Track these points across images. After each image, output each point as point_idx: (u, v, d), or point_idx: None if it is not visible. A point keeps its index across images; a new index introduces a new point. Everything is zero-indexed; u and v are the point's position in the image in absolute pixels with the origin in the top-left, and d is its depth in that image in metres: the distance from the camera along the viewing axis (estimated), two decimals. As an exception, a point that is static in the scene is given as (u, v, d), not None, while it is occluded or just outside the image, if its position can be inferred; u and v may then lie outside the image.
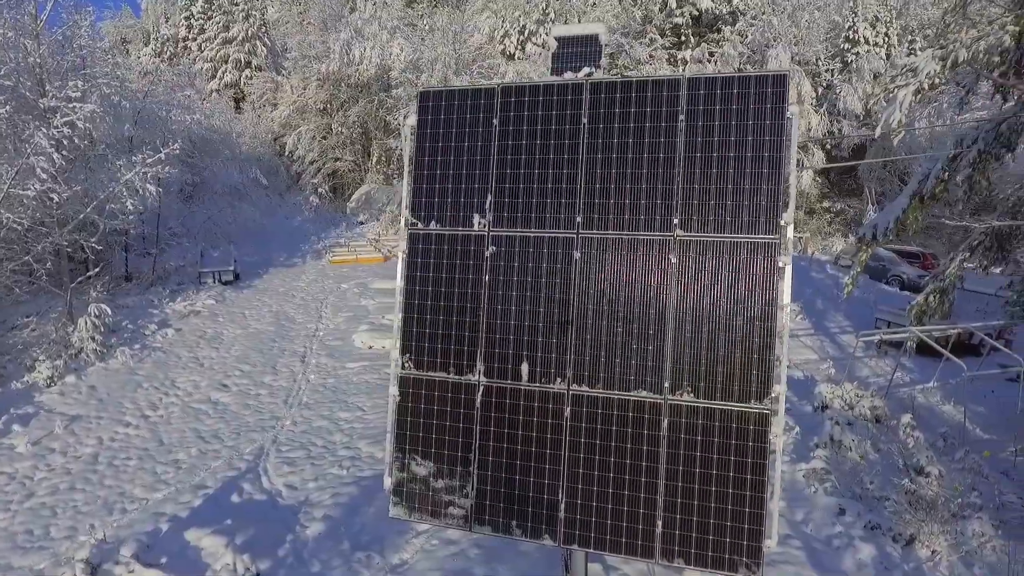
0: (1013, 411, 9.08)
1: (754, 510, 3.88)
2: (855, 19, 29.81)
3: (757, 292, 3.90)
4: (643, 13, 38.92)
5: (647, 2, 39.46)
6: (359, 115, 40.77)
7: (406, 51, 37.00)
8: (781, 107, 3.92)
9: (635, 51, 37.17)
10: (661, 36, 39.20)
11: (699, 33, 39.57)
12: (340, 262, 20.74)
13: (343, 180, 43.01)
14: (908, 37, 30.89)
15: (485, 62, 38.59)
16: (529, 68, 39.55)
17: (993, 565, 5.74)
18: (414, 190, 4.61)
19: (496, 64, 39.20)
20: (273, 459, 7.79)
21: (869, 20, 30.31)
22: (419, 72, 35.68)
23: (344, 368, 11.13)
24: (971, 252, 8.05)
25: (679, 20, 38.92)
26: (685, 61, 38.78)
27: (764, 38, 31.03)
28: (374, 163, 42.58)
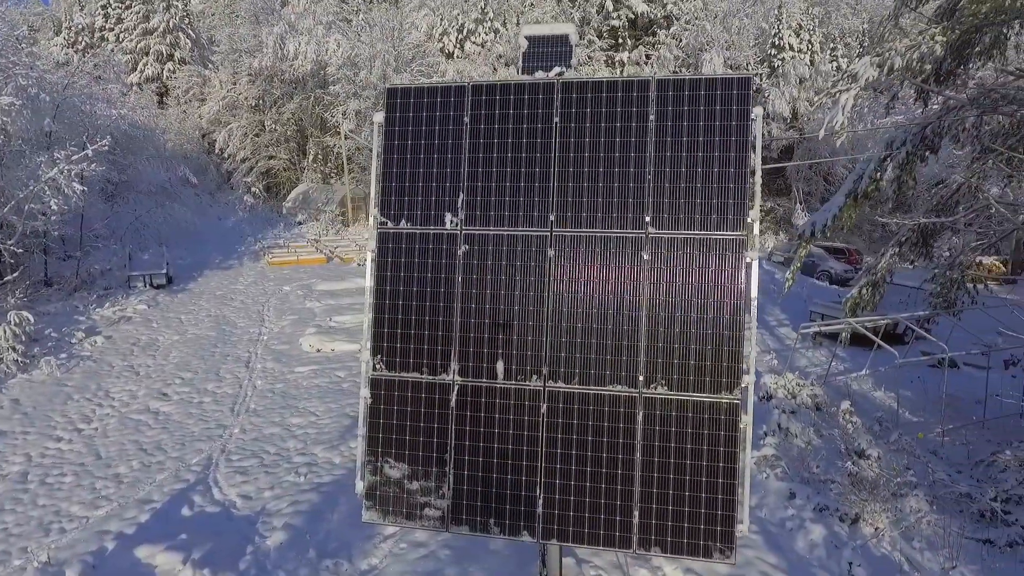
0: (937, 395, 9.77)
1: (726, 496, 4.02)
2: (780, 26, 31.28)
3: (726, 286, 4.04)
4: (581, 15, 39.50)
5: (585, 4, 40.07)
6: (294, 112, 39.57)
7: (343, 47, 36.20)
8: (745, 108, 4.07)
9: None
10: (599, 38, 39.95)
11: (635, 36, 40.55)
12: (280, 264, 20.09)
13: (278, 179, 41.65)
14: (830, 45, 32.65)
15: (425, 60, 38.26)
16: (470, 67, 39.51)
17: (929, 538, 6.16)
18: (383, 189, 4.53)
19: (436, 62, 38.97)
20: (224, 469, 7.48)
21: (793, 28, 31.86)
22: (357, 69, 34.99)
23: (293, 372, 10.80)
24: (899, 247, 8.62)
25: (616, 23, 39.78)
26: (623, 63, 39.64)
27: (698, 42, 32.14)
28: (311, 161, 41.46)
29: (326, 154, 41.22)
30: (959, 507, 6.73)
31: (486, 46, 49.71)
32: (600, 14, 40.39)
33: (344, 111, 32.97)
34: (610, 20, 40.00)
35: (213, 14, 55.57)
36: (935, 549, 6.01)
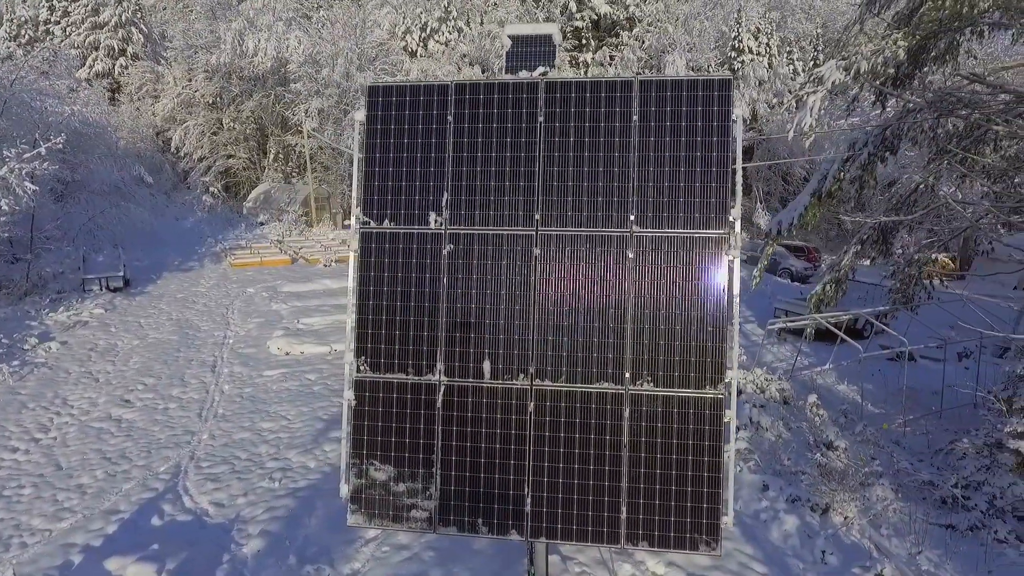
0: (896, 387, 10.14)
1: (712, 490, 4.10)
2: (740, 30, 32.00)
3: (710, 283, 4.12)
4: (545, 15, 39.69)
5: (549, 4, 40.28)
6: (254, 110, 38.73)
7: (304, 44, 35.55)
8: (727, 110, 4.16)
9: (538, 53, 37.83)
10: (563, 38, 40.20)
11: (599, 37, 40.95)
12: (243, 265, 19.62)
13: (237, 178, 40.70)
14: (787, 48, 33.56)
15: (388, 59, 37.88)
16: (434, 67, 39.28)
17: (896, 525, 6.39)
18: (365, 188, 4.48)
19: (400, 61, 38.64)
20: (193, 476, 7.27)
21: (752, 31, 32.63)
22: (319, 67, 34.42)
23: (261, 376, 10.56)
24: (861, 245, 8.93)
25: (579, 24, 40.10)
26: (587, 64, 39.98)
27: (660, 44, 32.64)
28: (271, 161, 40.64)
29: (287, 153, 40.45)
30: (922, 494, 7.01)
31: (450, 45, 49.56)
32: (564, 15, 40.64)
33: (306, 109, 32.39)
34: (574, 21, 40.30)
35: (165, 8, 53.94)
36: (902, 535, 6.24)
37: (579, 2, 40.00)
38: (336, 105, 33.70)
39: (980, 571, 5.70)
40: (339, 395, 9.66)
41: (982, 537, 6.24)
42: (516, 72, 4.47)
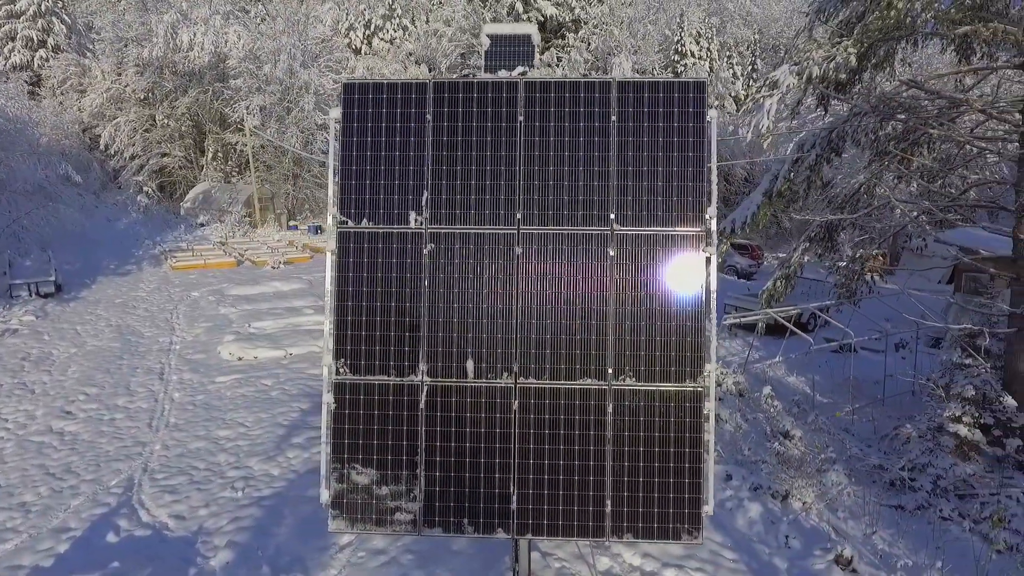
0: (840, 377, 10.67)
1: (693, 480, 4.22)
2: (683, 34, 32.93)
3: (688, 280, 4.23)
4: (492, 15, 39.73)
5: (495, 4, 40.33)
6: (190, 106, 37.23)
7: (244, 39, 34.42)
8: (701, 111, 4.28)
9: (486, 52, 37.85)
10: (509, 39, 40.34)
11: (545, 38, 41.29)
12: (185, 268, 18.83)
13: (173, 178, 39.08)
14: (727, 53, 34.72)
15: (332, 55, 37.13)
16: (380, 64, 38.76)
17: (851, 508, 6.73)
18: (342, 187, 4.39)
19: (344, 58, 37.95)
20: (149, 489, 6.94)
21: (694, 36, 33.63)
22: (260, 63, 33.41)
23: (213, 383, 10.17)
24: (809, 242, 9.35)
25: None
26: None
27: (607, 46, 33.21)
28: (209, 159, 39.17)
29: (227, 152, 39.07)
30: (872, 478, 7.40)
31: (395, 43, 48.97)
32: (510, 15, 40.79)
33: (248, 106, 31.35)
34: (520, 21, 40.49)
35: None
36: (857, 517, 6.57)
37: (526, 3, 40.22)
38: (279, 102, 32.81)
39: (929, 548, 6.06)
40: (298, 400, 9.42)
41: (929, 516, 6.64)
42: (495, 71, 4.48)
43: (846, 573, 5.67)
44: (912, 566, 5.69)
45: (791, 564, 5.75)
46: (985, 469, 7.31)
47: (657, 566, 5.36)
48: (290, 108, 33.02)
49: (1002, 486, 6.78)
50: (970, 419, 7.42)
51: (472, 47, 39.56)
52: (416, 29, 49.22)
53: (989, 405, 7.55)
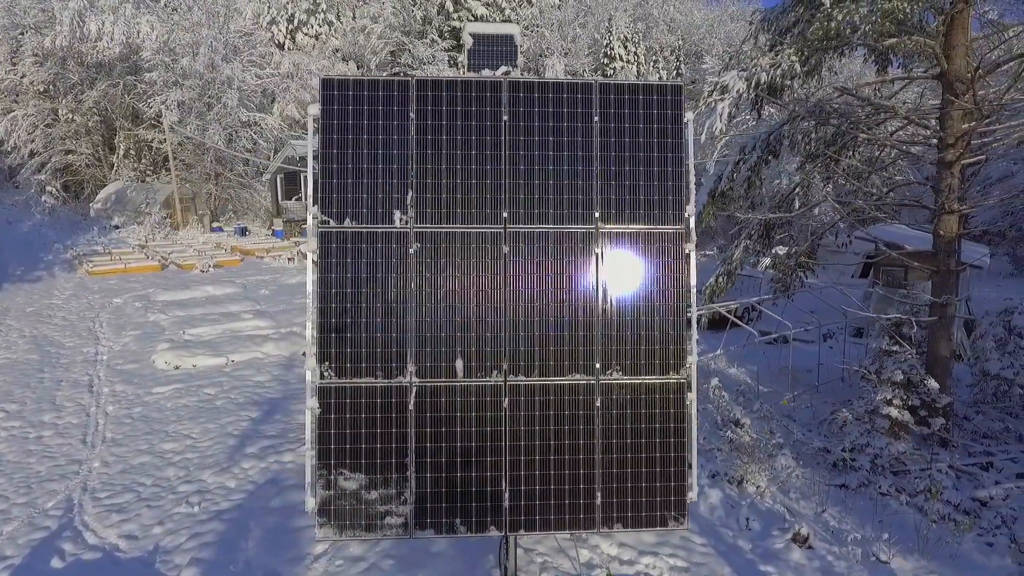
0: (776, 368, 11.28)
1: (678, 468, 4.38)
2: (611, 38, 33.78)
3: (669, 275, 4.39)
4: (423, 13, 39.40)
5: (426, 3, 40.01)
6: (98, 100, 34.82)
7: (158, 30, 32.51)
8: (678, 113, 4.45)
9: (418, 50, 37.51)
10: (440, 37, 40.17)
11: (475, 39, 41.36)
12: (104, 273, 17.61)
13: (80, 177, 36.45)
14: (653, 57, 35.89)
15: (256, 50, 35.69)
16: (306, 60, 37.62)
17: (801, 489, 7.14)
18: (323, 185, 4.27)
19: (268, 53, 36.56)
20: (92, 509, 6.47)
21: (621, 40, 34.57)
22: (177, 55, 31.66)
23: (151, 394, 9.58)
24: (749, 240, 9.85)
25: (457, 24, 40.24)
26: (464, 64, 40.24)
27: (539, 48, 33.62)
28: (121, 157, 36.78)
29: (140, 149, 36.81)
30: (817, 460, 7.87)
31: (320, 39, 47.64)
32: (440, 14, 40.62)
33: (165, 101, 29.64)
34: (451, 20, 40.40)
35: (-19, -19, 46.94)
36: (807, 498, 6.98)
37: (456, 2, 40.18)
38: (199, 97, 31.20)
39: (873, 521, 6.52)
40: (246, 409, 9.04)
41: (870, 492, 7.14)
42: (478, 70, 4.48)
43: (803, 549, 6.02)
44: (861, 539, 6.11)
45: (754, 544, 6.04)
46: (914, 447, 7.93)
47: (634, 554, 5.51)
48: (211, 103, 31.49)
49: (931, 462, 7.38)
50: (899, 402, 8.03)
51: (403, 45, 39.09)
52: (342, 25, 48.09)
53: (915, 388, 8.19)
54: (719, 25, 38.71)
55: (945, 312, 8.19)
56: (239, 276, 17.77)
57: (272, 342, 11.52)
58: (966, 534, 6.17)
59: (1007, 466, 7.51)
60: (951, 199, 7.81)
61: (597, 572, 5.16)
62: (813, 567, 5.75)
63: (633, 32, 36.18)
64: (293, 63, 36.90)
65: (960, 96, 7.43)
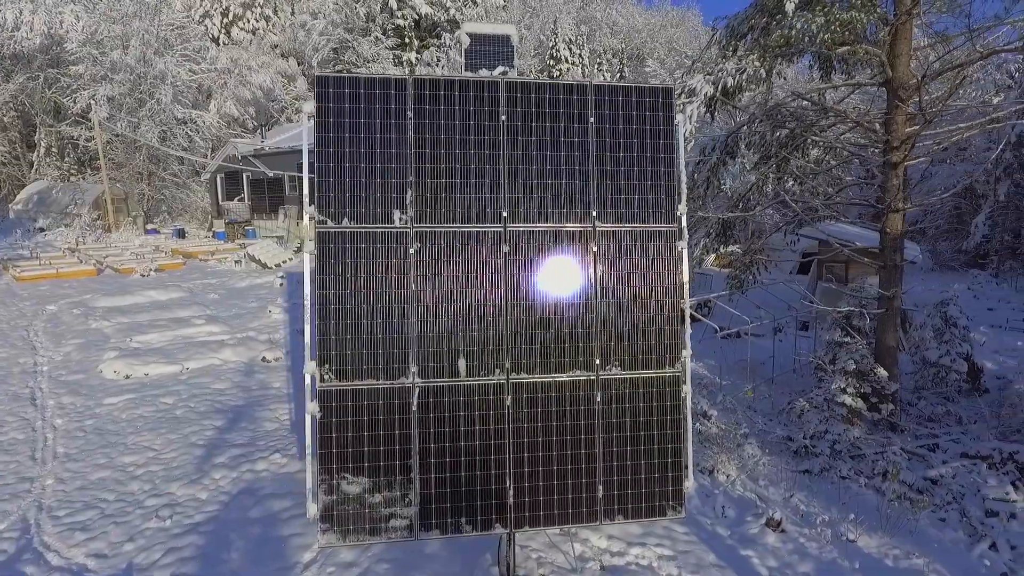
0: (731, 361, 11.72)
1: (675, 459, 4.52)
2: (557, 40, 34.18)
3: (664, 272, 4.53)
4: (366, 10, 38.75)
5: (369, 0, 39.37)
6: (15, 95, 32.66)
7: (84, 21, 30.75)
8: (670, 115, 4.59)
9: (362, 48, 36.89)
10: (384, 35, 39.61)
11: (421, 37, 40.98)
12: (33, 279, 16.51)
13: (-5, 176, 34.07)
14: (597, 60, 36.53)
15: (190, 44, 34.27)
16: (246, 56, 36.41)
17: (769, 476, 7.46)
18: (320, 184, 4.19)
19: (204, 47, 35.19)
20: (53, 529, 6.09)
21: (566, 42, 35.02)
22: (106, 48, 30.02)
23: (102, 405, 9.07)
24: (708, 238, 10.21)
25: (401, 22, 39.80)
26: (411, 63, 39.80)
27: (485, 49, 33.60)
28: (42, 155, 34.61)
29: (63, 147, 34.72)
30: (781, 448, 8.25)
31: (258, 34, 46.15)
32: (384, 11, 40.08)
33: (93, 96, 28.05)
34: (395, 19, 39.92)
35: None
36: (775, 484, 7.30)
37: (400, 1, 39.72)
38: (130, 93, 29.68)
39: (837, 504, 6.89)
40: (209, 418, 8.70)
41: (831, 477, 7.54)
42: (475, 70, 4.49)
43: (777, 533, 6.30)
44: (829, 521, 6.44)
45: (731, 531, 6.28)
46: (867, 432, 8.42)
47: (623, 546, 5.64)
48: (143, 99, 30.02)
49: (884, 446, 7.86)
50: (852, 390, 8.51)
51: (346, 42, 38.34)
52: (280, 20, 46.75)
53: (865, 377, 8.70)
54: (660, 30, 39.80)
55: (892, 305, 8.72)
56: (184, 280, 17.02)
57: (229, 348, 11.11)
58: (922, 511, 6.61)
59: (951, 447, 8.08)
60: (896, 198, 8.33)
61: (591, 564, 5.26)
62: (788, 549, 6.03)
63: (577, 35, 36.71)
64: (230, 58, 35.63)
65: (904, 102, 7.94)
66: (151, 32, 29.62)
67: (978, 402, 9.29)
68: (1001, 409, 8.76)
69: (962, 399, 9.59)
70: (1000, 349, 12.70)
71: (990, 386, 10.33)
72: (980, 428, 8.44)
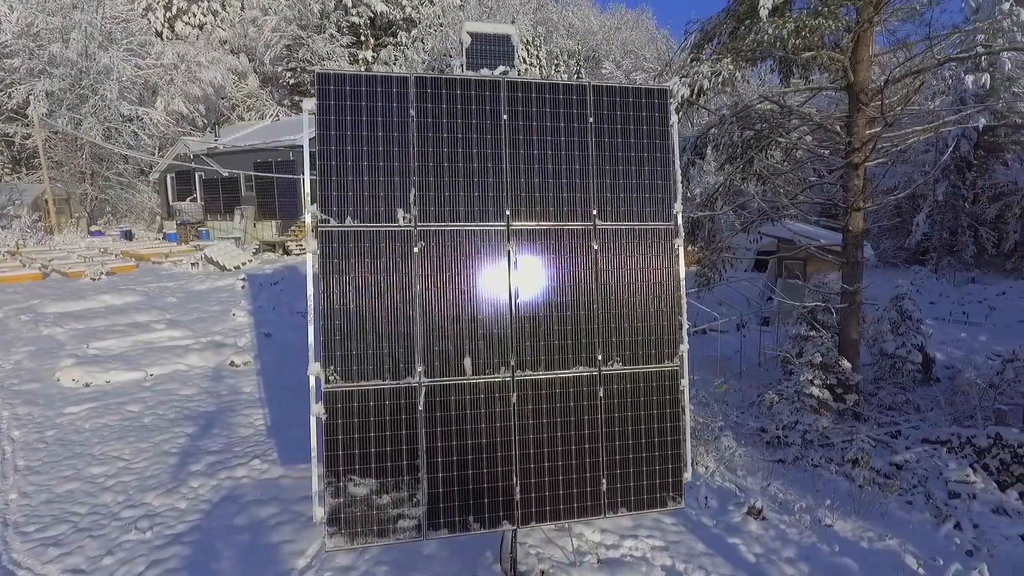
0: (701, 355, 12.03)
1: (674, 451, 4.64)
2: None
3: (661, 269, 4.64)
4: (320, 7, 38.03)
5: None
6: (-60, 89, 30.67)
7: (19, 12, 29.18)
8: (665, 115, 4.70)
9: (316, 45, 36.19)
10: (339, 33, 38.97)
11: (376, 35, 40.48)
12: (-28, 284, 15.60)
13: (-81, 175, 31.94)
14: (555, 61, 36.84)
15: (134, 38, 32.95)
16: (193, 51, 35.25)
17: (746, 466, 7.70)
18: (322, 183, 4.14)
19: (149, 41, 33.88)
20: (22, 545, 5.79)
21: (524, 42, 35.17)
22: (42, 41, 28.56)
23: (63, 415, 8.66)
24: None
25: (356, 19, 39.24)
26: (367, 61, 39.26)
27: (443, 47, 33.46)
28: (-28, 153, 32.65)
29: (-5, 144, 32.83)
30: (755, 439, 8.52)
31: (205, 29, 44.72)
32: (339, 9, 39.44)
33: (31, 91, 26.65)
34: (350, 16, 39.33)
35: None
36: (752, 474, 7.54)
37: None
38: (71, 88, 28.32)
39: (812, 491, 7.18)
40: (180, 425, 8.42)
41: (803, 465, 7.84)
42: (476, 69, 4.50)
43: (759, 521, 6.52)
44: (806, 507, 6.70)
45: (716, 521, 6.46)
46: (833, 422, 8.79)
47: (616, 539, 5.73)
48: (86, 95, 28.69)
49: (851, 435, 8.22)
50: (819, 381, 8.87)
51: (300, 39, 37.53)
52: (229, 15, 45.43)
53: (831, 369, 9.08)
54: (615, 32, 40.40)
55: (854, 299, 9.12)
56: (138, 284, 16.36)
57: (195, 353, 10.76)
58: (891, 495, 6.95)
59: (912, 433, 8.52)
60: (859, 198, 8.72)
61: (588, 558, 5.33)
62: (771, 535, 6.24)
63: (535, 36, 36.94)
64: (178, 54, 34.42)
65: (865, 105, 8.32)
66: (94, 25, 28.32)
67: (933, 390, 9.81)
68: (955, 397, 9.27)
69: (917, 388, 10.11)
70: (946, 340, 13.43)
71: (941, 375, 10.92)
72: (937, 415, 8.92)
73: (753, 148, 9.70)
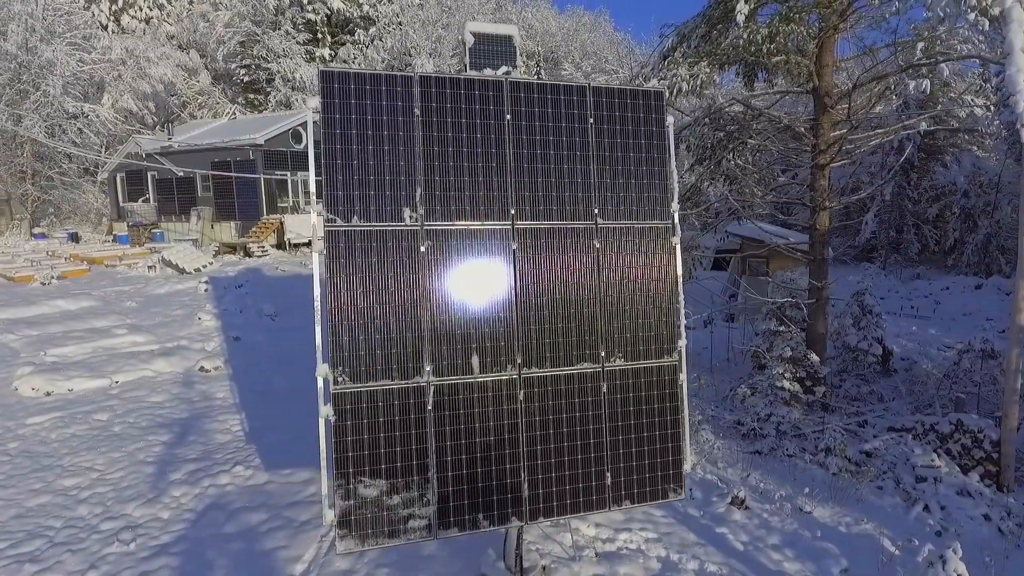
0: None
1: (675, 443, 4.76)
2: (475, 41, 34.25)
3: (660, 267, 4.75)
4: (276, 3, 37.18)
5: (278, -8, 37.84)
6: None
7: (-49, 3, 27.57)
8: (662, 117, 4.82)
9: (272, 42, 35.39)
10: (295, 29, 38.19)
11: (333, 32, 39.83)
12: (-91, 289, 14.67)
13: None
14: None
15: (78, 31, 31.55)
16: (142, 46, 34.00)
17: (726, 458, 7.94)
18: (328, 182, 4.09)
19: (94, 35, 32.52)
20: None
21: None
22: (-21, 34, 27.07)
23: (25, 426, 8.25)
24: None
25: (312, 16, 38.54)
26: (324, 59, 38.57)
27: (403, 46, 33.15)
28: (-100, 152, 30.66)
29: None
30: (731, 432, 8.78)
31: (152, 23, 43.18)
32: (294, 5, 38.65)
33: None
34: (306, 12, 38.60)
35: None
36: (732, 466, 7.78)
37: (311, -5, 38.43)
38: (11, 83, 26.92)
39: (789, 480, 7.45)
40: (154, 433, 8.14)
41: (779, 456, 8.12)
42: (479, 69, 4.51)
43: (742, 510, 6.73)
44: (786, 496, 6.96)
45: (702, 512, 6.64)
46: (804, 413, 9.13)
47: (611, 533, 5.84)
48: (27, 91, 27.34)
49: (822, 425, 8.56)
50: (790, 375, 9.20)
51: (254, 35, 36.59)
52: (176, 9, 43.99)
53: (800, 362, 9.43)
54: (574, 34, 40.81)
55: (821, 295, 9.49)
56: (92, 288, 15.69)
57: (161, 358, 10.41)
58: (864, 481, 7.27)
59: (878, 422, 8.92)
60: (824, 198, 9.08)
61: (587, 552, 5.41)
62: (755, 524, 6.45)
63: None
64: (125, 49, 33.14)
65: (830, 108, 8.68)
66: (35, 16, 27.00)
67: (893, 380, 10.29)
68: (914, 387, 9.76)
69: (879, 379, 10.59)
70: (900, 334, 14.09)
71: (897, 367, 11.46)
72: (899, 405, 9.37)
73: (724, 148, 9.98)
